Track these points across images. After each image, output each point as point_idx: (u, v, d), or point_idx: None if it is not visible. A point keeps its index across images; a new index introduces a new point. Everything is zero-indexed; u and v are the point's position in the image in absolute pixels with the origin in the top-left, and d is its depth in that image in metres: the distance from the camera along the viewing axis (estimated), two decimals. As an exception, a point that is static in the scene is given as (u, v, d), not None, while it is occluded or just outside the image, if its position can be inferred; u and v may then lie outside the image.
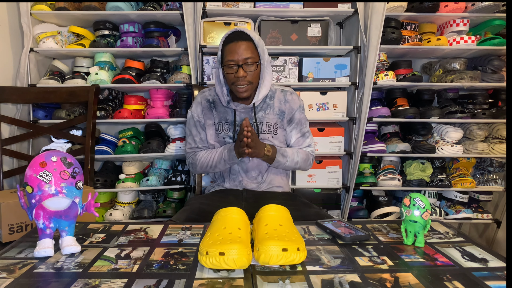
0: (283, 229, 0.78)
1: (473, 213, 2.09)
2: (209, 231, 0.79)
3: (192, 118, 1.40)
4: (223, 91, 1.33)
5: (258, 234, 0.78)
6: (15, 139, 1.69)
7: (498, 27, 2.06)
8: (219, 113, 1.38)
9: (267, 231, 0.77)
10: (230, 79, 1.27)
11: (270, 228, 0.78)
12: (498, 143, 2.06)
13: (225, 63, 1.26)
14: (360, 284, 0.66)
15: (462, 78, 1.99)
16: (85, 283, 0.66)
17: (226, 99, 1.33)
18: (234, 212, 0.84)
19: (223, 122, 1.36)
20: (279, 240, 0.72)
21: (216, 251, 0.70)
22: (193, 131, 1.41)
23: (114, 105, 2.02)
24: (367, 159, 2.09)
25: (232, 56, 1.23)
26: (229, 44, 1.24)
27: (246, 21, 1.98)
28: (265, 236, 0.75)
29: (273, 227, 0.78)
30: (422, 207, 0.82)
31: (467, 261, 0.77)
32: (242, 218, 0.84)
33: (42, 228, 0.78)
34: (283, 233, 0.76)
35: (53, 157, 0.77)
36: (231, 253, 0.69)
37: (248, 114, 1.35)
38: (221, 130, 1.37)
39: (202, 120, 1.39)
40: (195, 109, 1.40)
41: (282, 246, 0.71)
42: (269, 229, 0.78)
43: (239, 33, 1.24)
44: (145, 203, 2.05)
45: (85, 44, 1.97)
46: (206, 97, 1.40)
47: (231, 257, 0.69)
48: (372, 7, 1.89)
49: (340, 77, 2.01)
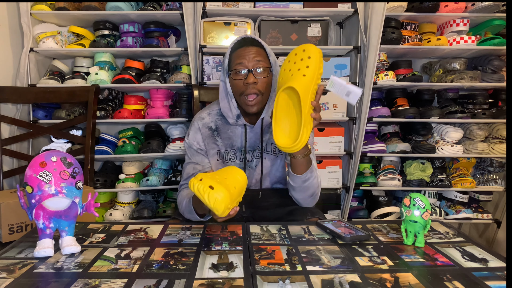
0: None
1: (473, 213, 2.09)
2: (213, 173, 0.88)
3: (191, 147, 1.22)
4: (232, 104, 1.16)
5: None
6: (15, 139, 1.69)
7: (498, 27, 2.06)
8: (224, 140, 1.21)
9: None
10: (239, 88, 1.12)
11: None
12: (498, 143, 2.06)
13: (233, 68, 1.11)
14: (360, 284, 0.66)
15: (462, 78, 1.99)
16: (85, 283, 0.66)
17: (236, 113, 1.16)
18: (240, 173, 0.90)
19: (229, 149, 1.22)
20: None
21: (209, 183, 0.77)
22: (194, 159, 1.22)
23: (114, 105, 2.02)
24: (367, 159, 2.09)
25: (241, 59, 1.09)
26: (238, 50, 1.12)
27: (246, 21, 1.98)
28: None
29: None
30: (422, 207, 0.82)
31: (467, 261, 0.77)
32: (243, 183, 0.91)
33: (42, 228, 0.78)
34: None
35: (53, 157, 0.77)
36: (218, 193, 0.76)
37: (255, 134, 1.21)
38: (228, 159, 1.22)
39: (204, 148, 1.22)
40: (194, 137, 1.21)
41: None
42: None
43: (249, 39, 1.13)
44: (145, 203, 2.05)
45: (85, 44, 1.97)
46: (207, 124, 1.22)
47: (216, 196, 0.76)
48: (372, 7, 1.89)
49: (340, 77, 2.01)
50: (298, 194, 1.15)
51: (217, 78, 1.97)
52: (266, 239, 0.88)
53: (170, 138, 2.07)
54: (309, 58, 0.95)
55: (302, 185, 1.11)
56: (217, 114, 1.23)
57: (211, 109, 1.24)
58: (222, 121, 1.22)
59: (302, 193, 1.14)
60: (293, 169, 1.09)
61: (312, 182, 1.11)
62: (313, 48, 0.96)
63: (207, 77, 1.96)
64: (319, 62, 0.96)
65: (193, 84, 1.94)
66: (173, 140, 2.00)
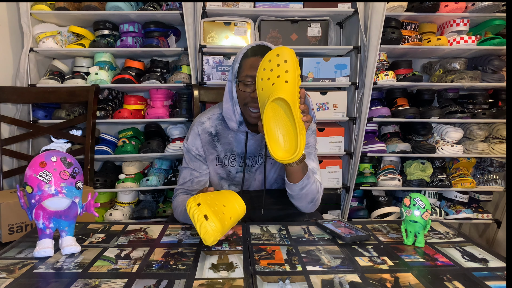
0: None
1: (473, 213, 2.09)
2: (216, 194, 0.85)
3: (190, 152, 1.20)
4: (235, 110, 1.13)
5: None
6: (15, 139, 1.69)
7: (498, 27, 2.06)
8: (224, 145, 1.19)
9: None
10: (244, 98, 1.09)
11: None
12: (498, 143, 2.06)
13: (242, 79, 1.08)
14: (360, 284, 0.66)
15: (462, 78, 1.99)
16: (85, 283, 0.66)
17: (239, 119, 1.14)
18: (240, 204, 0.86)
19: (229, 154, 1.20)
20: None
21: (205, 211, 0.75)
22: (192, 164, 1.20)
23: (114, 105, 2.02)
24: (367, 159, 2.09)
25: (252, 72, 1.05)
26: (250, 58, 1.08)
27: (246, 21, 1.98)
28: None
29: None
30: (422, 207, 0.82)
31: (467, 261, 0.77)
32: (240, 215, 0.86)
33: (42, 228, 0.78)
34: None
35: (53, 157, 0.77)
36: (210, 225, 0.74)
37: (255, 141, 1.19)
38: (227, 164, 1.20)
39: (203, 154, 1.20)
40: (193, 142, 1.19)
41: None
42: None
43: (264, 48, 1.08)
44: (145, 203, 2.05)
45: (85, 44, 1.97)
46: (206, 129, 1.19)
47: (208, 227, 0.74)
48: (372, 7, 1.89)
49: (340, 77, 2.01)
50: (297, 202, 1.12)
51: (217, 78, 1.96)
52: (266, 239, 0.88)
53: (170, 138, 2.07)
54: (285, 62, 0.91)
55: (300, 192, 1.07)
56: (217, 119, 1.20)
57: (211, 113, 1.22)
58: (223, 126, 1.20)
59: (301, 201, 1.11)
60: (289, 177, 1.05)
61: (310, 188, 1.08)
62: (286, 50, 0.92)
63: (207, 77, 1.96)
64: (296, 63, 0.93)
65: (193, 84, 1.94)
66: (173, 140, 2.00)
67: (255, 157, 1.21)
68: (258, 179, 1.24)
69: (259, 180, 1.24)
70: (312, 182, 1.08)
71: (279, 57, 0.92)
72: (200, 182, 1.20)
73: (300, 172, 1.04)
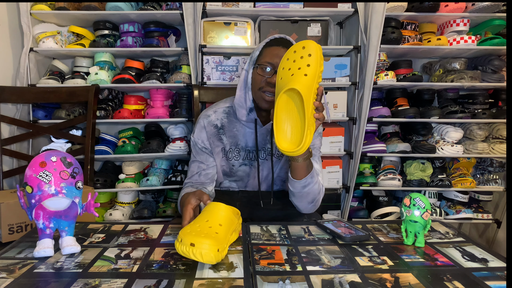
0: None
1: (473, 213, 2.09)
2: (194, 220, 0.81)
3: (196, 145, 1.23)
4: (248, 96, 1.16)
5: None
6: (15, 139, 1.69)
7: (498, 27, 2.06)
8: (229, 138, 1.22)
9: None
10: (259, 82, 1.12)
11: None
12: (498, 143, 2.06)
13: (261, 63, 1.12)
14: (360, 284, 0.66)
15: (462, 78, 1.99)
16: (85, 283, 0.66)
17: (250, 105, 1.17)
18: (221, 208, 0.83)
19: (233, 148, 1.22)
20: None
21: (189, 241, 0.71)
22: (199, 157, 1.23)
23: (114, 105, 2.02)
24: (367, 159, 2.09)
25: (272, 58, 1.10)
26: (272, 47, 1.13)
27: (246, 21, 1.98)
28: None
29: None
30: (422, 207, 0.82)
31: (467, 261, 0.77)
32: (228, 215, 0.83)
33: (42, 228, 0.78)
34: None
35: (53, 157, 0.77)
36: (201, 247, 0.70)
37: (261, 135, 1.21)
38: (231, 157, 1.22)
39: (209, 147, 1.23)
40: (199, 135, 1.22)
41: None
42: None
43: (285, 41, 1.14)
44: (145, 203, 2.05)
45: (85, 44, 1.97)
46: (212, 122, 1.22)
47: (200, 250, 0.70)
48: (372, 7, 1.89)
49: (340, 77, 2.01)
50: (297, 201, 1.13)
51: (217, 78, 1.97)
52: (266, 239, 0.88)
53: (170, 138, 2.07)
54: (309, 56, 0.91)
55: (302, 190, 1.08)
56: (223, 112, 1.23)
57: (217, 107, 1.24)
58: (228, 119, 1.22)
59: (302, 200, 1.11)
60: (293, 173, 1.06)
61: (312, 188, 1.08)
62: (313, 44, 0.92)
63: (207, 77, 1.96)
64: (320, 59, 0.92)
65: (193, 84, 1.94)
66: (173, 140, 2.00)
67: (259, 151, 1.21)
68: (261, 178, 1.24)
69: (261, 178, 1.24)
70: (315, 182, 1.09)
71: (304, 50, 0.92)
72: (208, 175, 1.22)
73: (305, 169, 1.04)
